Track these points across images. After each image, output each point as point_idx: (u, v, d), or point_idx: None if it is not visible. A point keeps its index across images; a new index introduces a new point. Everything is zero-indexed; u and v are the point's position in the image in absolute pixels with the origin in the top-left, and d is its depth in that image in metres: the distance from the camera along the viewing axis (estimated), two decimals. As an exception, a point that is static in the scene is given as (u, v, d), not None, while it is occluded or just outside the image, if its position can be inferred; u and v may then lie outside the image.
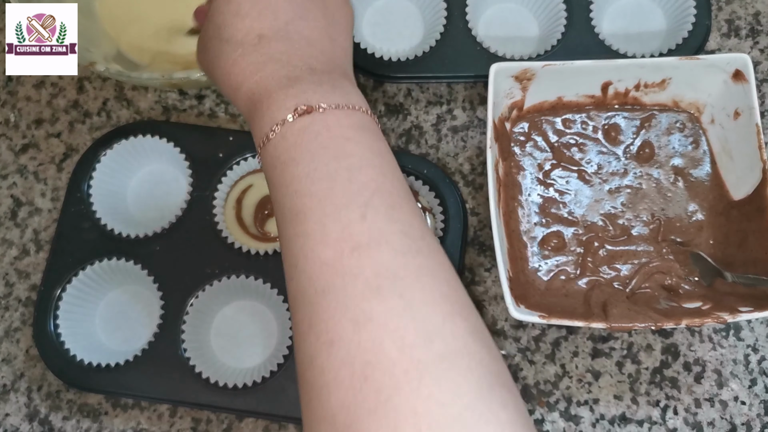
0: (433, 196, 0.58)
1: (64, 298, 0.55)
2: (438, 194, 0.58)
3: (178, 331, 0.54)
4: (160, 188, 0.61)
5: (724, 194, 0.56)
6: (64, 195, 0.59)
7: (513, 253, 0.55)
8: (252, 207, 0.59)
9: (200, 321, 0.56)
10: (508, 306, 0.48)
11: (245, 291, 0.57)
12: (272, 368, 0.53)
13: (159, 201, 0.61)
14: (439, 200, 0.58)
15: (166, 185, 0.61)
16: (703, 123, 0.58)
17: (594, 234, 0.56)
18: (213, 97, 0.65)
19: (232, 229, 0.58)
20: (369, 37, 0.65)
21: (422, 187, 0.58)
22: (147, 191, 0.61)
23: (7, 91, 0.66)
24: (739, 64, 0.54)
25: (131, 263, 0.56)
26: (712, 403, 0.56)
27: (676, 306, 0.53)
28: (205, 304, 0.56)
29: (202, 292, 0.55)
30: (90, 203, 0.58)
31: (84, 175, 0.59)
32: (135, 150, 0.60)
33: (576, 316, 0.51)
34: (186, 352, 0.54)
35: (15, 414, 0.57)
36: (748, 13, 0.66)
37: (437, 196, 0.58)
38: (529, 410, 0.56)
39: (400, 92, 0.64)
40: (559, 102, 0.58)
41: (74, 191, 0.59)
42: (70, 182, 0.59)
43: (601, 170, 0.58)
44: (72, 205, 0.58)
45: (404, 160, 0.58)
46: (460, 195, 0.58)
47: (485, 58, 0.61)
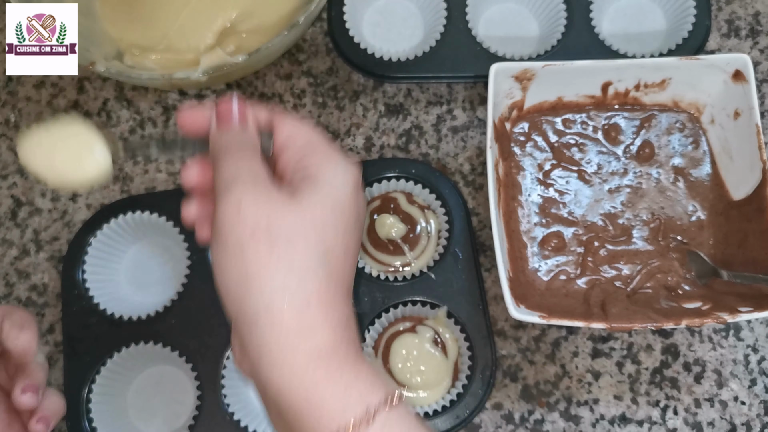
0: (434, 198, 0.58)
1: (93, 399, 0.53)
2: (439, 196, 0.58)
3: (219, 396, 0.53)
4: (155, 261, 0.59)
5: (724, 194, 0.56)
6: (60, 296, 0.57)
7: (513, 253, 0.55)
8: None
9: (237, 381, 0.54)
10: (508, 306, 0.48)
11: None
12: None
13: (158, 274, 0.59)
14: (441, 202, 0.58)
15: (159, 257, 0.59)
16: (703, 123, 0.58)
17: (594, 234, 0.56)
18: (213, 97, 0.65)
19: None
20: (369, 37, 0.65)
21: (422, 190, 0.58)
22: (143, 269, 0.59)
23: (7, 91, 0.66)
24: (739, 64, 0.54)
25: (151, 344, 0.54)
26: (712, 403, 0.56)
27: (676, 306, 0.53)
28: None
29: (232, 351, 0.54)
30: (90, 297, 0.56)
31: (74, 271, 0.56)
32: (121, 232, 0.58)
33: (576, 316, 0.51)
34: (234, 416, 0.53)
35: (15, 414, 0.57)
36: (748, 13, 0.66)
37: (438, 198, 0.58)
38: (529, 410, 0.56)
39: (400, 92, 0.64)
40: (559, 102, 0.58)
41: (70, 290, 0.56)
42: (63, 282, 0.57)
43: (600, 170, 0.58)
44: (72, 304, 0.56)
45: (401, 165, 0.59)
46: (460, 193, 0.58)
47: (485, 58, 0.61)
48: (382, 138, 0.63)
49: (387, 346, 0.54)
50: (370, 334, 0.54)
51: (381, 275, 0.56)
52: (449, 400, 0.53)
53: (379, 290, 0.55)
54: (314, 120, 0.64)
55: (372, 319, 0.55)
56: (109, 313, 0.55)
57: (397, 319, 0.56)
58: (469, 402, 0.52)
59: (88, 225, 0.58)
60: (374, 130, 0.63)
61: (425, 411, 0.52)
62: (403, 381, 0.54)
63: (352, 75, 0.65)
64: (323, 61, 0.66)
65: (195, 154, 0.41)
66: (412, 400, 0.53)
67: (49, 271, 0.61)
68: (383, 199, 0.58)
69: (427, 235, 0.57)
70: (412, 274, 0.56)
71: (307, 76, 0.65)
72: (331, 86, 0.65)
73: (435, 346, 0.54)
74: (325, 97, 0.64)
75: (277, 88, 0.65)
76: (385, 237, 0.57)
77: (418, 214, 0.58)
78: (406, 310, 0.55)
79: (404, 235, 0.57)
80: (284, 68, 0.65)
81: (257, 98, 0.64)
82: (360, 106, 0.64)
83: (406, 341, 0.54)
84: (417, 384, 0.53)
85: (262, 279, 0.35)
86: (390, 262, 0.57)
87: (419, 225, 0.57)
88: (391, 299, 0.55)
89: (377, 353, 0.54)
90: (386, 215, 0.57)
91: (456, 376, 0.54)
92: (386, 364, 0.54)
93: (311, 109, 0.64)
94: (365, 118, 0.64)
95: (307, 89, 0.65)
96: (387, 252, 0.57)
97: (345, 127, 0.63)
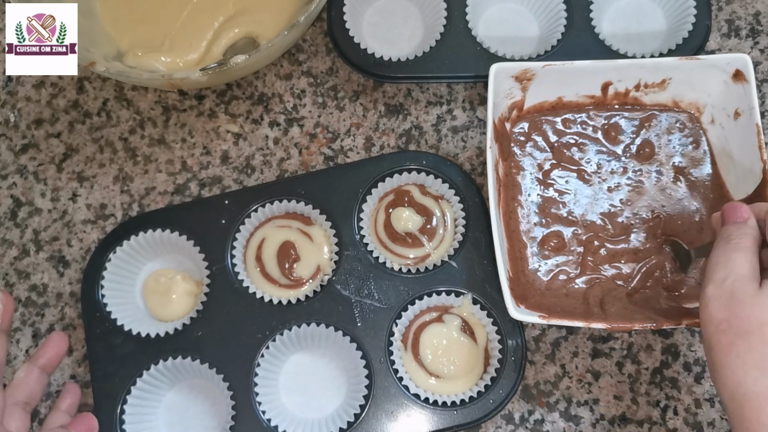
0: (447, 188, 0.58)
1: (126, 420, 0.53)
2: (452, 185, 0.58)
3: (253, 404, 0.53)
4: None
5: (724, 194, 0.56)
6: (83, 323, 0.56)
7: (513, 253, 0.55)
8: (273, 259, 0.57)
9: (269, 387, 0.55)
10: (508, 306, 0.48)
11: (300, 342, 0.56)
12: (349, 418, 0.52)
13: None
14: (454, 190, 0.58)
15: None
16: (704, 123, 0.58)
17: (594, 233, 0.56)
18: (213, 97, 0.65)
19: (263, 287, 0.56)
20: (369, 37, 0.65)
21: (435, 180, 0.59)
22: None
23: (7, 91, 0.66)
24: (740, 64, 0.54)
25: (179, 359, 0.54)
26: (712, 404, 0.56)
27: (676, 306, 0.53)
28: (268, 369, 0.55)
29: (262, 359, 0.54)
30: (113, 319, 0.55)
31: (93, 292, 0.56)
32: (133, 253, 0.58)
33: (576, 316, 0.51)
34: (271, 422, 0.53)
35: (15, 414, 0.57)
36: (748, 13, 0.66)
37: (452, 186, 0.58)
38: (529, 410, 0.56)
39: (400, 92, 0.64)
40: (559, 102, 0.58)
41: (92, 312, 0.56)
42: (83, 305, 0.56)
43: (600, 169, 0.58)
44: (95, 327, 0.55)
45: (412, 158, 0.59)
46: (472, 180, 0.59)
47: (485, 58, 0.61)
48: (382, 138, 0.63)
49: (416, 337, 0.55)
50: (398, 328, 0.55)
51: (402, 268, 0.56)
52: (483, 385, 0.53)
53: (403, 283, 0.56)
54: (314, 120, 0.64)
55: (398, 312, 0.55)
56: (134, 332, 0.55)
57: (422, 311, 0.56)
58: (504, 385, 0.52)
59: (104, 244, 0.57)
60: (374, 130, 0.63)
61: (461, 399, 0.53)
62: (435, 371, 0.54)
63: (352, 75, 0.65)
64: (323, 61, 0.66)
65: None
66: (447, 389, 0.53)
67: (48, 271, 0.61)
68: (397, 193, 0.58)
69: (444, 225, 0.58)
70: (434, 265, 0.56)
71: (307, 76, 0.65)
72: (331, 86, 0.65)
73: (463, 333, 0.55)
74: (325, 97, 0.64)
75: (277, 88, 0.65)
76: (402, 230, 0.57)
77: (432, 205, 0.58)
78: (431, 300, 0.56)
79: (421, 226, 0.57)
80: (284, 68, 0.65)
81: (257, 98, 0.64)
82: (360, 106, 0.64)
83: (434, 331, 0.55)
84: (450, 373, 0.54)
85: None
86: (410, 255, 0.57)
87: (435, 215, 0.58)
88: (415, 291, 0.55)
89: (406, 346, 0.55)
90: (401, 208, 0.57)
91: (487, 361, 0.54)
92: (416, 356, 0.54)
93: (311, 109, 0.64)
94: (365, 118, 0.64)
95: (307, 89, 0.65)
96: (406, 245, 0.57)
97: (345, 127, 0.63)
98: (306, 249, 0.57)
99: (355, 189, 0.58)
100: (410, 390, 0.53)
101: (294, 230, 0.57)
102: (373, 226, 0.58)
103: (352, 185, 0.58)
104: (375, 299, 0.55)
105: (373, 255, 0.56)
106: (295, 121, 0.64)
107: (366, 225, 0.57)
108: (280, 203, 0.58)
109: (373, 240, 0.57)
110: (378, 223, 0.58)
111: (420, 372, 0.54)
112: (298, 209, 0.58)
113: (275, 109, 0.64)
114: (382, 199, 0.58)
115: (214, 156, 0.63)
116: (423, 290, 0.55)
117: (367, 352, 0.54)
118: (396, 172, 0.58)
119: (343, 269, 0.56)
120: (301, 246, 0.57)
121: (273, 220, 0.58)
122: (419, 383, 0.54)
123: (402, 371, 0.53)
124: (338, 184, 0.58)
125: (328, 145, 0.63)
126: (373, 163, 0.59)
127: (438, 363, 0.54)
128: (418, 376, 0.54)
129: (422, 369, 0.54)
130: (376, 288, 0.55)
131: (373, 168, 0.58)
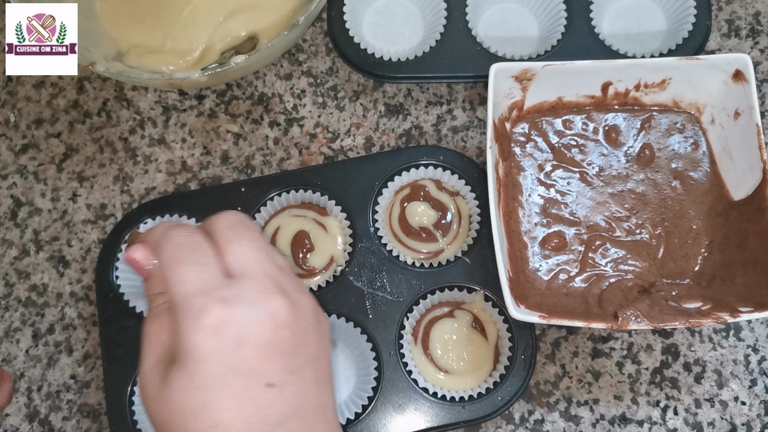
0: (464, 184, 0.58)
1: (136, 401, 0.53)
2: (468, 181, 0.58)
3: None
4: None
5: (724, 195, 0.56)
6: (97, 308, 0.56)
7: (513, 253, 0.55)
8: (288, 248, 0.57)
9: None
10: (508, 306, 0.48)
11: None
12: (357, 409, 0.53)
13: None
14: (470, 187, 0.58)
15: None
16: (703, 123, 0.58)
17: (596, 233, 0.56)
18: (213, 97, 0.65)
19: None
20: (369, 37, 0.65)
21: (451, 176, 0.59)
22: None
23: (7, 91, 0.66)
24: (740, 64, 0.54)
25: None
26: (712, 404, 0.56)
27: (676, 306, 0.53)
28: None
29: None
30: (126, 301, 0.55)
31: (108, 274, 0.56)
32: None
33: (576, 316, 0.51)
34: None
35: (15, 414, 0.57)
36: (748, 13, 0.66)
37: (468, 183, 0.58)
38: (529, 410, 0.56)
39: (400, 92, 0.64)
40: (559, 102, 0.58)
41: (105, 293, 0.56)
42: (98, 286, 0.56)
43: (602, 172, 0.58)
44: (108, 308, 0.56)
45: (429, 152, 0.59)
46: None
47: (485, 58, 0.61)
48: (382, 138, 0.63)
49: (426, 332, 0.55)
50: (409, 321, 0.55)
51: (416, 262, 0.56)
52: (492, 382, 0.53)
53: (415, 277, 0.56)
54: (314, 120, 0.64)
55: (410, 306, 0.55)
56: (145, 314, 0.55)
57: (434, 305, 0.56)
58: (512, 383, 0.53)
59: (120, 227, 0.58)
60: (374, 130, 0.63)
61: (469, 395, 0.53)
62: (444, 366, 0.54)
63: (352, 75, 0.65)
64: (323, 61, 0.66)
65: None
66: (455, 384, 0.54)
67: (48, 271, 0.61)
68: (413, 187, 0.58)
69: (458, 221, 0.58)
70: (447, 260, 0.56)
71: (307, 76, 0.65)
72: (331, 86, 0.65)
73: (474, 330, 0.55)
74: (325, 97, 0.64)
75: (277, 88, 0.65)
76: (416, 225, 0.57)
77: (448, 201, 0.58)
78: (443, 295, 0.56)
79: (435, 221, 0.57)
80: (284, 68, 0.65)
81: (257, 98, 0.64)
82: (360, 106, 0.64)
83: (444, 326, 0.55)
84: (458, 369, 0.54)
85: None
86: (423, 249, 0.57)
87: (450, 211, 0.58)
88: (427, 285, 0.56)
89: (416, 340, 0.55)
90: (416, 203, 0.57)
91: (497, 359, 0.54)
92: (426, 351, 0.54)
93: (311, 109, 0.64)
94: (365, 118, 0.64)
95: (307, 89, 0.65)
96: (419, 239, 0.57)
97: (345, 127, 0.63)
98: (320, 239, 0.57)
99: (372, 182, 0.58)
100: (419, 384, 0.53)
101: (309, 220, 0.58)
102: (387, 219, 0.58)
103: (368, 178, 0.58)
104: (387, 292, 0.55)
105: (387, 248, 0.56)
106: (295, 121, 0.64)
107: (381, 218, 0.58)
108: (296, 193, 0.58)
109: (387, 233, 0.57)
110: (393, 216, 0.58)
111: (429, 366, 0.54)
112: (314, 199, 0.59)
113: (275, 109, 0.64)
114: (398, 193, 0.59)
115: (214, 156, 0.63)
116: (435, 285, 0.55)
117: (378, 344, 0.54)
118: (413, 166, 0.58)
119: (356, 261, 0.56)
120: (315, 236, 0.57)
121: (288, 209, 0.58)
122: (428, 377, 0.54)
123: (411, 365, 0.54)
124: (355, 176, 0.58)
125: (328, 145, 0.63)
126: (390, 156, 0.59)
127: (447, 358, 0.54)
128: (427, 370, 0.54)
129: (431, 363, 0.54)
130: (389, 281, 0.56)
131: (389, 161, 0.58)
